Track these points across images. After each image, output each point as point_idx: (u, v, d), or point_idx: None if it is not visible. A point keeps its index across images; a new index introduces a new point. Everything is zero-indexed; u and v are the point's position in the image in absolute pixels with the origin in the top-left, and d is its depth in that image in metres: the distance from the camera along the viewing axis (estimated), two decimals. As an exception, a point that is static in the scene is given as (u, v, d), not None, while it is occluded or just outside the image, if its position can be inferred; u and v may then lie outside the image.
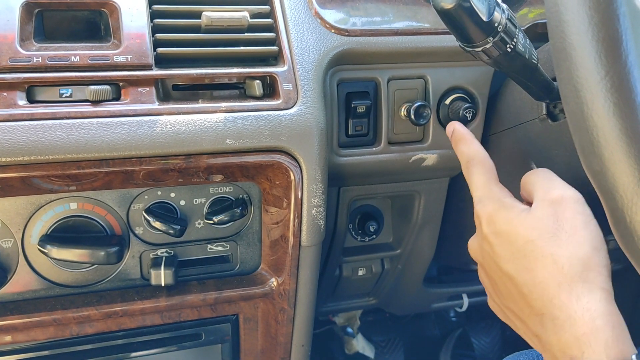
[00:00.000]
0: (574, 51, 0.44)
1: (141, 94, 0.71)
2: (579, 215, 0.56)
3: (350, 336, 1.61)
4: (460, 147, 0.71)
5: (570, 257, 0.54)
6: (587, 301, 0.52)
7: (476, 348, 1.65)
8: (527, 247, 0.57)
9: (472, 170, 0.68)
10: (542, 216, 0.57)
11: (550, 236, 0.56)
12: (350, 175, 0.89)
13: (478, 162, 0.68)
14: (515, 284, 0.58)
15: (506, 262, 0.59)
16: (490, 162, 0.68)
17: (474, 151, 0.69)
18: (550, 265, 0.54)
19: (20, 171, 0.65)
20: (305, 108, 0.75)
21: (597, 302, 0.52)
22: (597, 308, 0.51)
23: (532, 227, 0.57)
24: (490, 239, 0.61)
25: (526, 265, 0.57)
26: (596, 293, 0.52)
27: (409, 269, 1.15)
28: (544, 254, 0.55)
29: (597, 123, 0.44)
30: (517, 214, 0.59)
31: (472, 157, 0.68)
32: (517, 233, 0.58)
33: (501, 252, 0.60)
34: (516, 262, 0.58)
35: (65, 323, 0.77)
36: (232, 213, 0.79)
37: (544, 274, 0.55)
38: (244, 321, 0.87)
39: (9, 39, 0.68)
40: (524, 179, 0.64)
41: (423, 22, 0.86)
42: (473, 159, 0.68)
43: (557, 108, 0.77)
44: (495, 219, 0.61)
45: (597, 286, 0.53)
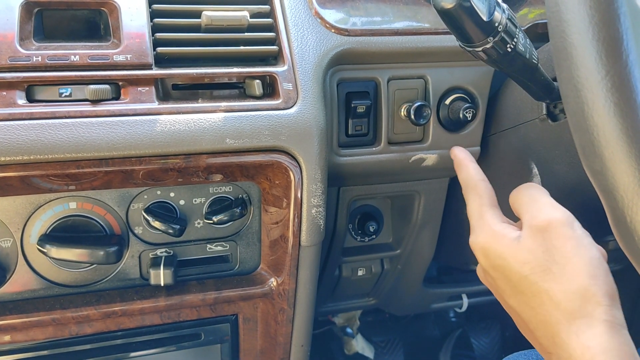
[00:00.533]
0: (575, 51, 0.44)
1: (141, 94, 0.71)
2: (568, 241, 0.55)
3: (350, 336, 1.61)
4: (459, 173, 0.71)
5: (565, 291, 0.52)
6: (587, 338, 0.50)
7: (476, 348, 1.65)
8: (522, 284, 0.56)
9: (467, 197, 0.67)
10: (532, 247, 0.56)
11: (542, 270, 0.54)
12: (350, 175, 0.89)
13: (471, 188, 0.67)
14: (522, 319, 0.58)
15: (509, 298, 0.59)
16: (484, 185, 0.67)
17: (469, 175, 0.68)
18: (547, 302, 0.53)
19: (20, 170, 0.65)
20: (305, 108, 0.75)
21: (598, 337, 0.50)
22: (598, 344, 0.50)
23: (523, 262, 0.56)
24: (490, 273, 0.61)
25: (526, 301, 0.56)
26: (597, 327, 0.51)
27: (408, 269, 1.15)
28: (539, 290, 0.54)
29: (598, 123, 0.44)
30: (507, 245, 0.58)
31: (466, 184, 0.68)
32: (510, 268, 0.57)
33: (503, 287, 0.59)
34: (517, 297, 0.57)
35: (64, 323, 0.76)
36: (231, 213, 0.79)
37: (542, 312, 0.54)
38: (243, 321, 0.87)
39: (8, 38, 0.68)
40: (511, 198, 0.63)
41: (423, 22, 0.86)
42: (467, 183, 0.68)
43: (557, 108, 0.76)
44: (489, 252, 0.60)
45: (597, 319, 0.51)
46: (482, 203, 0.65)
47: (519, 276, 0.56)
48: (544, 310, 0.54)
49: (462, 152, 0.73)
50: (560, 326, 0.52)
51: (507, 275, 0.58)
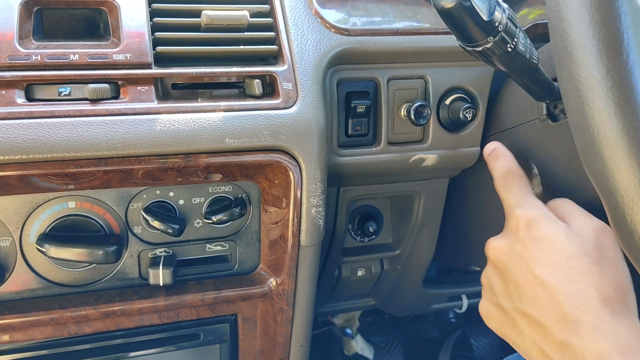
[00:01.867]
0: (575, 50, 0.44)
1: (140, 93, 0.70)
2: (618, 249, 0.59)
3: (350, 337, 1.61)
4: (499, 161, 0.73)
5: (614, 281, 0.57)
6: (630, 321, 0.55)
7: (475, 349, 1.65)
8: (572, 261, 0.58)
9: (511, 181, 0.70)
10: (588, 238, 0.59)
11: (596, 258, 0.58)
12: (349, 175, 0.88)
13: (519, 175, 0.70)
14: (548, 290, 0.58)
15: (543, 268, 0.59)
16: (528, 180, 0.71)
17: (514, 166, 0.72)
18: (597, 281, 0.56)
19: (19, 169, 0.65)
20: (305, 107, 0.75)
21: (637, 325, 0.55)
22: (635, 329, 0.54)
23: (579, 244, 0.59)
24: (527, 242, 0.62)
25: (570, 276, 0.58)
26: (634, 319, 0.56)
27: (408, 269, 1.15)
28: (591, 270, 0.57)
29: (598, 122, 0.43)
30: (562, 227, 0.61)
31: (512, 171, 0.71)
32: (562, 245, 0.59)
33: (539, 257, 0.60)
34: (557, 270, 0.59)
35: (63, 322, 0.76)
36: (231, 212, 0.79)
37: (588, 287, 0.56)
38: (242, 321, 0.87)
39: (7, 37, 0.68)
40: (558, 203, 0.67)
41: (423, 22, 0.86)
42: (513, 172, 0.71)
43: (557, 108, 0.76)
44: (538, 225, 0.62)
45: (634, 314, 0.56)
46: (529, 189, 0.69)
47: (571, 253, 0.58)
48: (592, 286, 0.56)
49: (500, 145, 0.76)
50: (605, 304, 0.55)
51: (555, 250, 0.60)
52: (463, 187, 1.03)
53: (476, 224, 1.05)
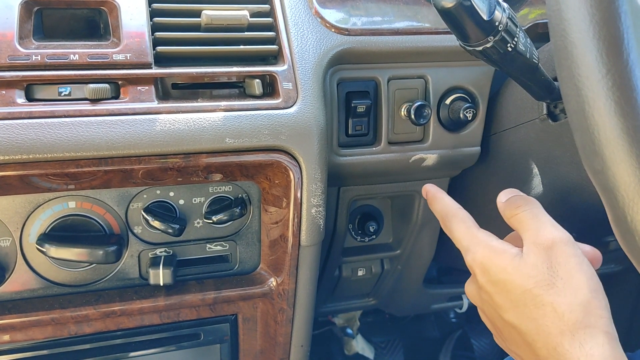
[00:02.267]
0: (575, 49, 0.44)
1: (140, 93, 0.70)
2: (571, 258, 0.57)
3: (350, 337, 1.61)
4: (434, 205, 0.72)
5: (569, 303, 0.54)
6: (590, 347, 0.52)
7: (476, 349, 1.65)
8: (525, 297, 0.57)
9: (450, 223, 0.68)
10: (536, 263, 0.57)
11: (547, 284, 0.56)
12: (350, 175, 0.88)
13: (453, 215, 0.68)
14: (519, 332, 0.58)
15: (506, 312, 0.59)
16: (465, 212, 0.68)
17: (448, 206, 0.69)
18: (551, 314, 0.55)
19: (19, 169, 0.65)
20: (305, 107, 0.75)
21: (600, 346, 0.52)
22: (601, 353, 0.52)
23: (528, 276, 0.57)
24: (487, 289, 0.61)
25: (527, 314, 0.57)
26: (599, 337, 0.53)
27: (408, 269, 1.15)
28: (543, 302, 0.55)
29: (598, 122, 0.43)
30: (510, 260, 0.59)
31: (446, 212, 0.69)
32: (513, 282, 0.58)
33: (500, 302, 0.60)
34: (517, 310, 0.58)
35: (64, 322, 0.76)
36: (231, 212, 0.79)
37: (545, 322, 0.55)
38: (243, 321, 0.87)
39: (8, 37, 0.68)
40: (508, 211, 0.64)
41: (423, 22, 0.86)
42: (448, 213, 0.69)
43: (557, 108, 0.76)
44: (489, 267, 0.61)
45: (599, 330, 0.53)
46: (468, 226, 0.66)
47: (522, 289, 0.57)
48: (547, 321, 0.55)
49: (433, 186, 0.75)
50: (563, 336, 0.54)
51: (509, 289, 0.58)
52: (463, 187, 1.03)
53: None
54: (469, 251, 0.64)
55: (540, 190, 0.82)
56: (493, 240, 0.63)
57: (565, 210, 0.81)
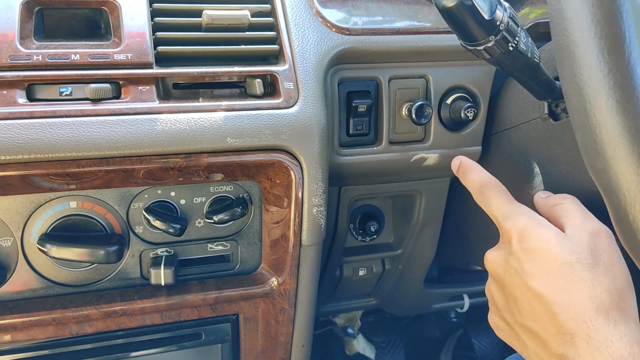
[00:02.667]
0: (577, 49, 0.44)
1: (141, 93, 0.70)
2: (614, 250, 0.58)
3: (351, 337, 1.61)
4: (470, 175, 0.71)
5: (609, 285, 0.55)
6: (624, 328, 0.53)
7: (477, 349, 1.64)
8: (564, 269, 0.57)
9: (488, 193, 0.68)
10: (581, 243, 0.58)
11: (589, 264, 0.56)
12: (351, 175, 0.88)
13: (494, 185, 0.68)
14: (543, 302, 0.58)
15: (537, 280, 0.58)
16: (504, 186, 0.68)
17: (487, 176, 0.69)
18: (590, 289, 0.55)
19: (20, 169, 0.65)
20: (306, 107, 0.75)
21: (633, 330, 0.53)
22: (634, 336, 0.52)
23: (571, 251, 0.57)
24: (520, 255, 0.61)
25: (562, 285, 0.57)
26: (631, 323, 0.54)
27: (409, 269, 1.15)
28: (583, 277, 0.56)
29: (600, 121, 0.43)
30: (554, 234, 0.59)
31: (487, 182, 0.69)
32: (554, 253, 0.58)
33: (532, 269, 0.59)
34: (550, 281, 0.58)
35: (65, 322, 0.76)
36: (232, 212, 0.79)
37: (581, 296, 0.55)
38: (244, 321, 0.87)
39: (9, 37, 0.68)
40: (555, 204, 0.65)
41: (424, 21, 0.86)
42: (488, 183, 0.69)
43: (559, 107, 0.76)
44: (529, 235, 0.60)
45: (632, 318, 0.55)
46: (509, 197, 0.66)
47: (562, 262, 0.57)
48: (583, 295, 0.55)
49: (466, 158, 0.74)
50: (598, 312, 0.54)
51: (547, 259, 0.58)
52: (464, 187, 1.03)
53: (477, 224, 1.05)
54: (509, 218, 0.63)
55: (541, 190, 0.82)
56: (538, 214, 0.63)
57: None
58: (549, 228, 0.60)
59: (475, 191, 0.70)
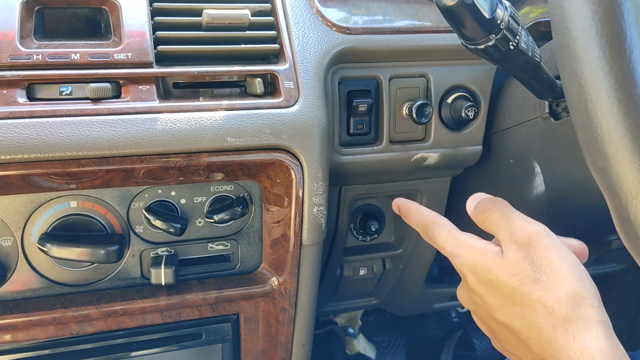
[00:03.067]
0: (578, 47, 0.44)
1: (141, 92, 0.70)
2: (550, 250, 0.56)
3: (352, 336, 1.61)
4: (411, 217, 0.72)
5: (557, 297, 0.54)
6: (584, 339, 0.52)
7: (478, 349, 1.64)
8: (513, 295, 0.57)
9: (432, 231, 0.68)
10: (516, 260, 0.57)
11: (532, 280, 0.56)
12: (351, 174, 0.88)
13: (434, 222, 0.68)
14: (512, 331, 0.58)
15: (498, 311, 0.59)
16: (444, 218, 0.68)
17: (426, 215, 0.70)
18: (541, 309, 0.55)
19: (20, 169, 0.65)
20: (307, 106, 0.75)
21: (594, 338, 0.52)
22: (595, 345, 0.51)
23: (511, 274, 0.57)
24: (477, 290, 0.61)
25: (518, 312, 0.56)
26: (592, 328, 0.52)
27: (410, 268, 1.14)
28: (531, 299, 0.55)
29: (601, 119, 0.43)
30: (493, 259, 0.59)
31: (426, 221, 0.69)
32: (499, 281, 0.58)
33: (491, 302, 0.60)
34: (507, 309, 0.58)
35: (65, 322, 0.76)
36: (232, 212, 0.78)
37: (536, 319, 0.55)
38: (244, 321, 0.87)
39: (9, 37, 0.68)
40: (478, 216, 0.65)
41: (425, 21, 0.86)
42: (427, 222, 0.69)
43: (559, 106, 0.76)
44: (475, 268, 0.61)
45: (591, 320, 0.53)
46: (450, 231, 0.66)
47: (509, 288, 0.57)
48: (537, 317, 0.55)
49: (404, 200, 0.75)
50: (556, 331, 0.53)
51: (497, 289, 0.58)
52: (465, 186, 1.03)
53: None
54: (456, 255, 0.64)
55: (542, 189, 0.82)
56: (476, 241, 0.63)
57: (567, 209, 0.81)
58: (487, 254, 0.60)
59: (421, 232, 0.70)
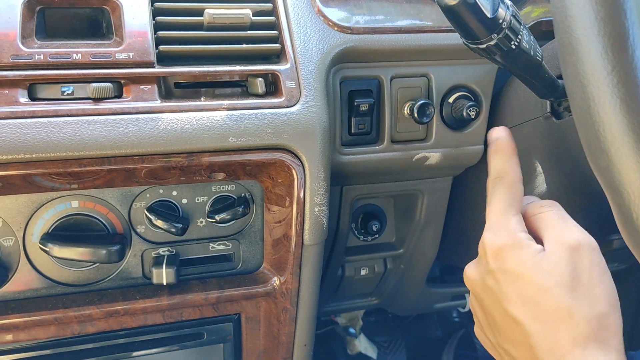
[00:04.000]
0: (580, 46, 0.44)
1: (143, 92, 0.70)
2: (595, 266, 0.54)
3: (353, 336, 1.61)
4: (495, 158, 0.64)
5: (587, 313, 0.52)
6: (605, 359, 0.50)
7: (479, 349, 1.64)
8: (541, 295, 0.53)
9: (496, 188, 0.62)
10: (559, 262, 0.54)
11: (568, 287, 0.53)
12: (352, 174, 0.88)
13: (507, 182, 0.61)
14: (522, 331, 0.55)
15: (514, 305, 0.55)
16: (520, 187, 0.62)
17: (508, 168, 0.62)
18: (566, 319, 0.52)
19: (22, 169, 0.65)
20: (308, 106, 0.75)
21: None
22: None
23: (548, 274, 0.54)
24: (497, 276, 0.57)
25: (538, 314, 0.54)
26: (611, 355, 0.51)
27: (411, 268, 1.14)
28: (559, 305, 0.52)
29: (604, 119, 0.43)
30: (531, 255, 0.55)
31: (504, 175, 0.62)
32: (530, 277, 0.55)
33: (509, 293, 0.56)
34: (527, 307, 0.54)
35: (67, 322, 0.76)
36: (234, 211, 0.78)
37: (558, 327, 0.52)
38: (246, 320, 0.87)
39: (10, 37, 0.68)
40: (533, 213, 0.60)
41: (426, 20, 0.85)
42: (504, 177, 0.62)
43: (561, 106, 0.76)
44: (505, 255, 0.57)
45: (612, 348, 0.51)
46: (511, 204, 0.60)
47: (539, 286, 0.54)
48: (561, 326, 0.52)
49: (507, 137, 0.64)
50: (574, 346, 0.51)
51: (523, 283, 0.55)
52: (466, 186, 1.03)
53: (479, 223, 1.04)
54: (492, 230, 0.59)
55: (544, 189, 0.82)
56: (521, 231, 0.58)
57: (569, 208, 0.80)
58: (526, 248, 0.56)
59: (490, 177, 0.64)
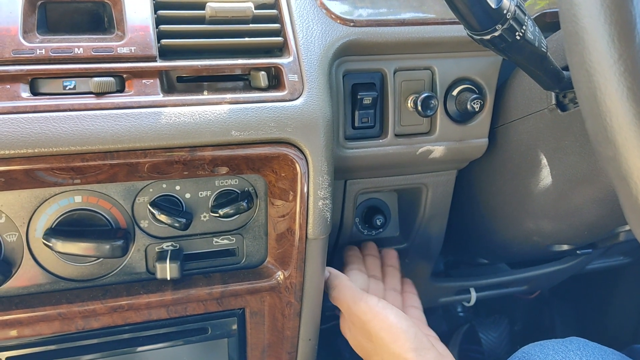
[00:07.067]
0: (586, 35, 0.43)
1: (145, 86, 0.70)
2: (354, 310, 0.88)
3: (357, 331, 1.60)
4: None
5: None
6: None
7: (484, 343, 1.64)
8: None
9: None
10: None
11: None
12: (356, 168, 0.88)
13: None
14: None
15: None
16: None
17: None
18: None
19: (24, 164, 0.65)
20: (311, 99, 0.74)
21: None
22: None
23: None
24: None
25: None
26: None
27: (416, 263, 1.14)
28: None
29: (610, 108, 0.43)
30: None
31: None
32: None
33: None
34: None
35: (71, 317, 0.76)
36: (237, 206, 0.78)
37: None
38: (250, 315, 0.87)
39: (12, 32, 0.68)
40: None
41: (430, 12, 0.85)
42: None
43: (566, 98, 0.76)
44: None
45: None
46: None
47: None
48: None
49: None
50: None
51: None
52: (471, 179, 1.02)
53: (484, 217, 1.04)
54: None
55: (549, 182, 0.82)
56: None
57: (574, 201, 0.80)
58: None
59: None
